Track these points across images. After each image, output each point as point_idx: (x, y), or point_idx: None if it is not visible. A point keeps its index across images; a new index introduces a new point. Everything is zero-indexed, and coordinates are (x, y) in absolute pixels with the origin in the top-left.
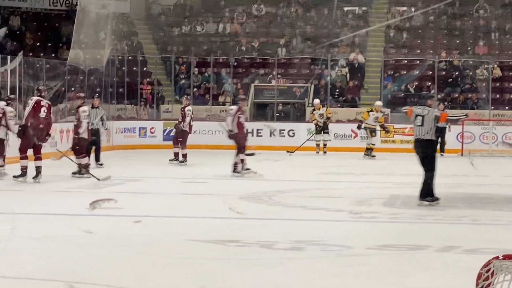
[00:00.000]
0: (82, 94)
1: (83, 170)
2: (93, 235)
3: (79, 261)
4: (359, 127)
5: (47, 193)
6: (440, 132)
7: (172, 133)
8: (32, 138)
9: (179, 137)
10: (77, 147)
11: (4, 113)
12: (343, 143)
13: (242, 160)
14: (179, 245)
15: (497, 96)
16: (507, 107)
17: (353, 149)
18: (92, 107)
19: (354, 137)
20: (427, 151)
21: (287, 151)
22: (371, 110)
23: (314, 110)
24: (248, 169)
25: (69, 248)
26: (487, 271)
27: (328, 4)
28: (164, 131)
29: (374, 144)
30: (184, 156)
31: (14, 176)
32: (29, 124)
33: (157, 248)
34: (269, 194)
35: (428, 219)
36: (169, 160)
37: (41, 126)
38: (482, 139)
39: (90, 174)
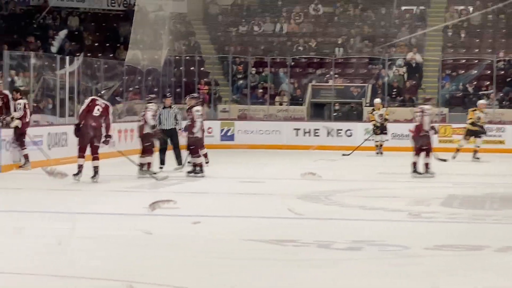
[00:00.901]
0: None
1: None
2: (150, 235)
3: (136, 261)
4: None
5: (105, 193)
6: None
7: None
8: (87, 137)
9: (191, 145)
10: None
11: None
12: (401, 143)
13: (427, 164)
14: (236, 245)
15: None
16: None
17: (411, 149)
18: (164, 107)
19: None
20: None
21: (343, 154)
22: (475, 110)
23: (373, 110)
24: (432, 173)
25: (126, 248)
26: None
27: (385, 4)
28: (222, 130)
29: (479, 147)
30: (205, 155)
31: (74, 175)
32: (82, 122)
33: (213, 248)
34: (327, 194)
35: (486, 219)
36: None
37: (93, 124)
38: None
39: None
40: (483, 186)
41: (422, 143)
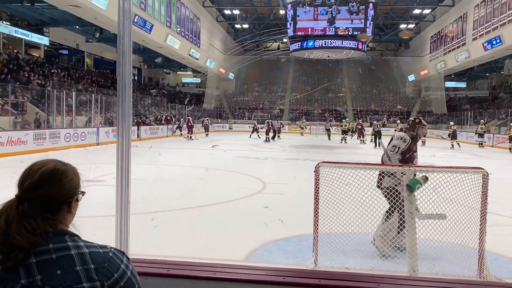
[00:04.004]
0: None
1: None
2: (212, 154)
3: (214, 158)
4: None
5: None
6: None
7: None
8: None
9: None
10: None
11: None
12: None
13: None
14: (237, 159)
15: None
16: None
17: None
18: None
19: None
20: None
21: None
22: None
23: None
24: None
25: (208, 157)
26: (317, 167)
27: (277, 92)
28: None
29: None
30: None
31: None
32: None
33: (231, 158)
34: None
35: (322, 152)
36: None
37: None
38: None
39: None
40: (315, 142)
41: None
